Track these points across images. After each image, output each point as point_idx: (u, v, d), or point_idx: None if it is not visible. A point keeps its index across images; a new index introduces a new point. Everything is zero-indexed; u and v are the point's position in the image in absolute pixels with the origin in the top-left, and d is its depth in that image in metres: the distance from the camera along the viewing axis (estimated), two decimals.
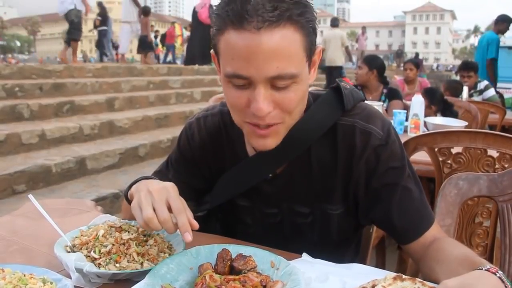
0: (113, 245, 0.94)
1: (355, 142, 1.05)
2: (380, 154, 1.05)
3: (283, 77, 0.89)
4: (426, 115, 3.11)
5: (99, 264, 0.90)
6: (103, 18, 12.19)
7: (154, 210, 0.90)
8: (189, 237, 0.88)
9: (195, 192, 1.25)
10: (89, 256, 0.93)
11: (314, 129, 1.07)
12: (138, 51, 11.32)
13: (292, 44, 0.89)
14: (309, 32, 0.92)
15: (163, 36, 15.27)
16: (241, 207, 1.21)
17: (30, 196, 1.07)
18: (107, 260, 0.91)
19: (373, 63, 4.13)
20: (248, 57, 0.87)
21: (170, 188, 0.95)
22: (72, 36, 8.22)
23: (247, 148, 1.16)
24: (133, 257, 0.92)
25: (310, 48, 0.94)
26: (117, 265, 0.90)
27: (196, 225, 0.91)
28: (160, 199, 0.91)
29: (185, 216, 0.90)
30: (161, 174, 1.25)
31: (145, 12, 10.75)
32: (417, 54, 23.73)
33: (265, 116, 0.93)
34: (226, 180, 1.18)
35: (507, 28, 6.76)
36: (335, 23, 11.21)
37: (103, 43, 12.38)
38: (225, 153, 1.19)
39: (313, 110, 1.08)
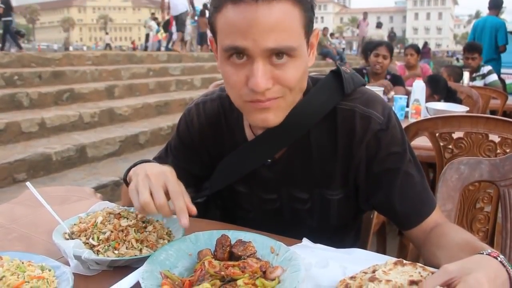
0: (112, 232, 0.94)
1: (355, 126, 1.04)
2: (380, 139, 1.04)
3: (281, 50, 0.89)
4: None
5: (98, 251, 0.90)
6: (7, 7, 12.22)
7: (151, 194, 0.89)
8: (185, 221, 0.88)
9: (194, 178, 1.24)
10: (87, 243, 0.92)
11: (313, 113, 1.06)
12: (199, 43, 14.89)
13: (291, 18, 0.89)
14: (308, 8, 0.92)
15: (167, 22, 15.14)
16: (239, 193, 1.20)
17: (28, 183, 1.07)
18: (106, 247, 0.90)
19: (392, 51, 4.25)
20: (246, 29, 0.87)
21: (168, 173, 0.95)
22: (182, 29, 11.61)
23: (246, 133, 1.15)
24: (132, 243, 0.92)
25: (308, 25, 0.93)
26: (116, 251, 0.90)
27: (194, 210, 0.91)
28: (157, 184, 0.91)
29: (182, 200, 0.90)
30: (160, 160, 1.25)
31: (202, 13, 14.11)
32: (425, 43, 23.62)
33: (265, 92, 0.91)
34: (225, 165, 1.18)
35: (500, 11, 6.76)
36: (379, 25, 16.09)
37: (10, 33, 12.52)
38: (224, 138, 1.18)
39: (312, 94, 1.07)
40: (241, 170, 1.15)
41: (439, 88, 3.55)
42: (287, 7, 0.88)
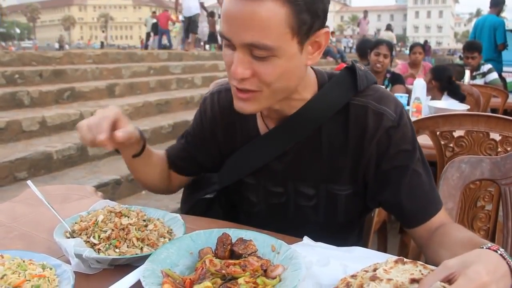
0: (113, 230, 0.94)
1: (367, 122, 1.05)
2: (392, 136, 1.05)
3: (258, 47, 0.91)
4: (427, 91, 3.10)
5: (99, 249, 0.90)
6: None
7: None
8: (121, 134, 1.01)
9: (198, 167, 1.28)
10: (88, 242, 0.93)
11: (326, 108, 1.07)
12: (208, 42, 15.54)
13: (275, 17, 0.89)
14: (301, 10, 0.90)
15: (156, 22, 15.19)
16: (246, 184, 1.20)
17: (29, 182, 1.07)
18: (107, 245, 0.91)
19: (392, 49, 4.25)
20: (230, 20, 0.92)
21: (110, 108, 1.06)
22: (194, 31, 11.94)
23: (258, 124, 1.16)
24: (132, 242, 0.92)
25: (300, 27, 0.92)
26: (117, 250, 0.90)
27: (120, 136, 1.01)
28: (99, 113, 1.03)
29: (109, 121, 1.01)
30: (177, 142, 1.32)
31: (211, 14, 14.90)
32: (425, 41, 23.75)
33: (243, 81, 0.95)
34: (236, 159, 1.19)
35: (502, 9, 6.74)
36: (389, 28, 17.07)
37: None
38: (236, 129, 1.19)
39: (326, 88, 1.09)
40: (252, 164, 1.16)
41: (442, 78, 3.54)
42: (273, 6, 0.88)
